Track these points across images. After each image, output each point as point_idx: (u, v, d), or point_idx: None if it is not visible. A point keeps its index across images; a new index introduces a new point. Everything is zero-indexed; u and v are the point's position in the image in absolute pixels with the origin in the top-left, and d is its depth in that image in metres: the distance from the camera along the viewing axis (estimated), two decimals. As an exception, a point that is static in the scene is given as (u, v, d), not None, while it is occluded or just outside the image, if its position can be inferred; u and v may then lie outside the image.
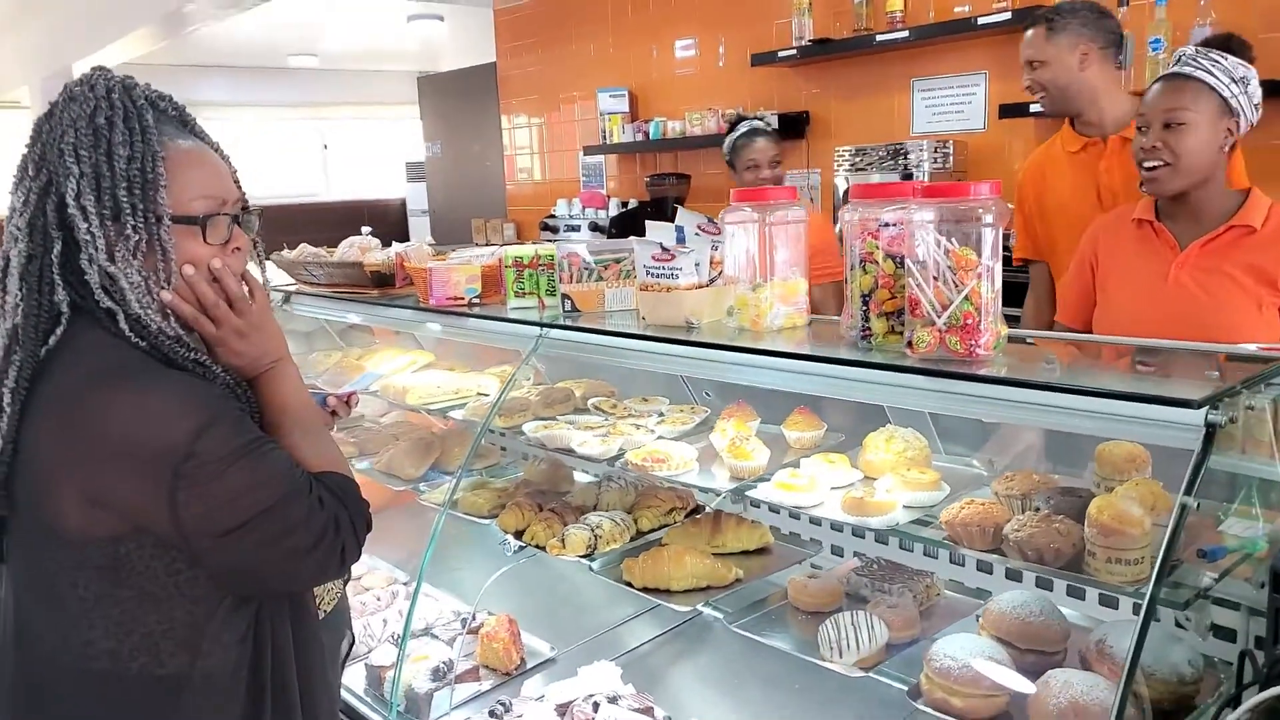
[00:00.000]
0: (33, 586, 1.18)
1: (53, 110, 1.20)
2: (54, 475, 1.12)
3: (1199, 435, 1.20)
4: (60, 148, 1.16)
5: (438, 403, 2.63)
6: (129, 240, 1.16)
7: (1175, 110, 1.95)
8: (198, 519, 1.11)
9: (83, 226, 1.15)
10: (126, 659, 1.15)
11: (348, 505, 1.23)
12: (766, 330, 1.77)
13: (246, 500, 1.12)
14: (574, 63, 6.17)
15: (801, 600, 1.73)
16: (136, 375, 1.14)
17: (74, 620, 1.14)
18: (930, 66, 4.29)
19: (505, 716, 1.92)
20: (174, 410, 1.11)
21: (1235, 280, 1.98)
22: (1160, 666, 1.31)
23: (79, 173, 1.15)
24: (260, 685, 1.21)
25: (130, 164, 1.16)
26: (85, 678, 1.16)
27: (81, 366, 1.14)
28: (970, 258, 1.43)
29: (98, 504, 1.11)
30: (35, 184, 1.18)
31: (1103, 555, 1.32)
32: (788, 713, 1.89)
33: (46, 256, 1.16)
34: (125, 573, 1.13)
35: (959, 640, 1.43)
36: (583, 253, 2.12)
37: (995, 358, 1.46)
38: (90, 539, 1.12)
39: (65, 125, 1.17)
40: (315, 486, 1.20)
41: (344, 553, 1.21)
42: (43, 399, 1.14)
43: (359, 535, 1.24)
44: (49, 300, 1.16)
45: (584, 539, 1.93)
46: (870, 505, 1.61)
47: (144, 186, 1.17)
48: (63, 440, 1.12)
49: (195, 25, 6.74)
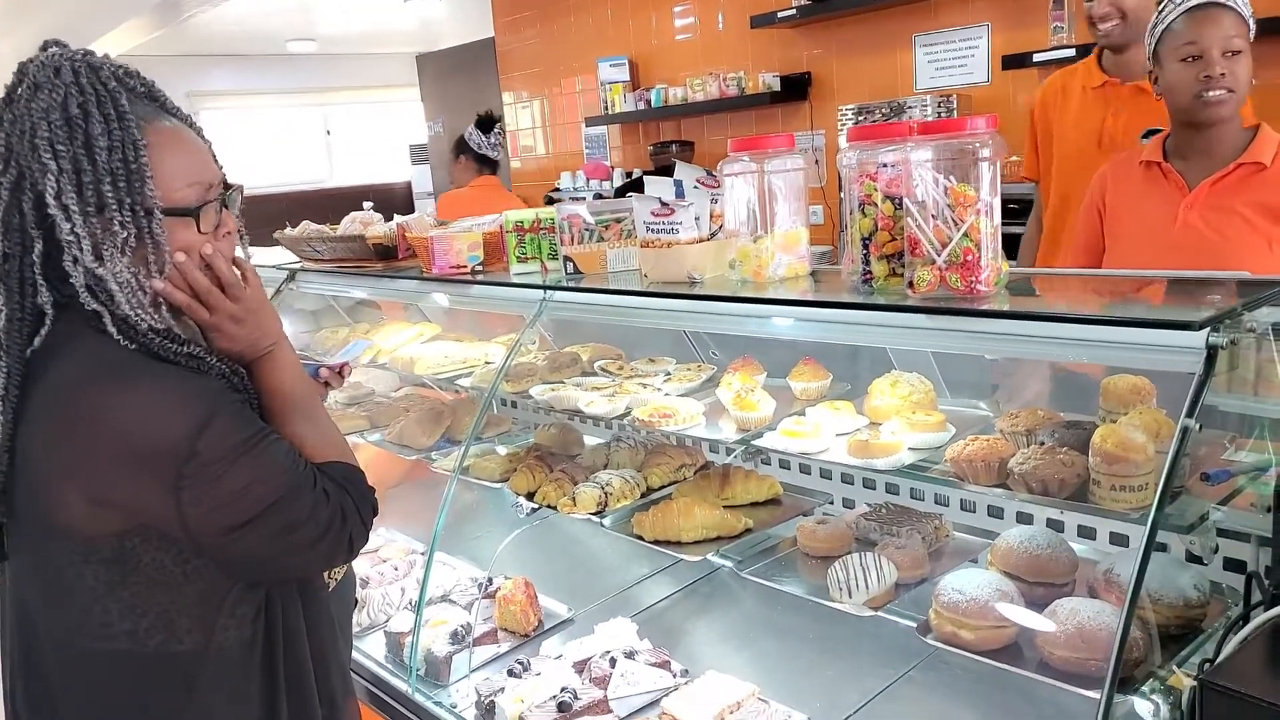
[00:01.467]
0: (39, 579, 1.17)
1: (13, 97, 1.11)
2: (54, 478, 1.10)
3: (1200, 358, 1.19)
4: (33, 142, 1.08)
5: (445, 373, 2.64)
6: (116, 236, 1.10)
7: (1232, 38, 1.93)
8: (202, 517, 1.10)
9: (65, 227, 1.08)
10: (144, 637, 1.15)
11: (352, 494, 1.22)
12: (769, 281, 1.77)
13: (251, 497, 1.11)
14: (573, 34, 6.14)
15: (811, 545, 1.74)
16: (131, 373, 1.10)
17: (86, 606, 1.14)
18: (931, 20, 4.25)
19: (524, 675, 1.94)
20: (173, 408, 1.09)
21: (1245, 219, 1.96)
22: (1167, 591, 1.32)
23: (57, 169, 1.08)
24: (273, 661, 1.22)
25: (112, 155, 1.09)
26: (102, 659, 1.16)
27: (75, 366, 1.11)
28: (969, 194, 1.42)
29: (101, 503, 1.10)
30: (4, 179, 1.10)
31: (1107, 483, 1.33)
32: (801, 661, 1.91)
33: (26, 257, 1.11)
34: (133, 564, 1.13)
35: (967, 575, 1.44)
36: (583, 213, 2.11)
37: (997, 294, 1.45)
38: (95, 536, 1.11)
39: (35, 117, 1.08)
40: (319, 479, 1.19)
41: (351, 541, 1.21)
42: (37, 401, 1.10)
43: (365, 522, 1.24)
44: (31, 302, 1.11)
45: (594, 496, 1.95)
46: (876, 447, 1.61)
47: (129, 179, 1.10)
48: (62, 443, 1.09)
49: (189, 12, 6.73)
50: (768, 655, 1.96)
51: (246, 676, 1.20)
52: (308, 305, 3.26)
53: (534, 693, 1.82)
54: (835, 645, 1.89)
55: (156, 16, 6.80)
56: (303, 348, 3.08)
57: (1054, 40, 3.70)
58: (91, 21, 7.07)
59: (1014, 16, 3.97)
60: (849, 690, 1.75)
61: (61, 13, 7.30)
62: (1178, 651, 1.29)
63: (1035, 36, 3.82)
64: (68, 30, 7.56)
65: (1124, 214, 2.16)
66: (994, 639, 1.37)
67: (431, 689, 2.00)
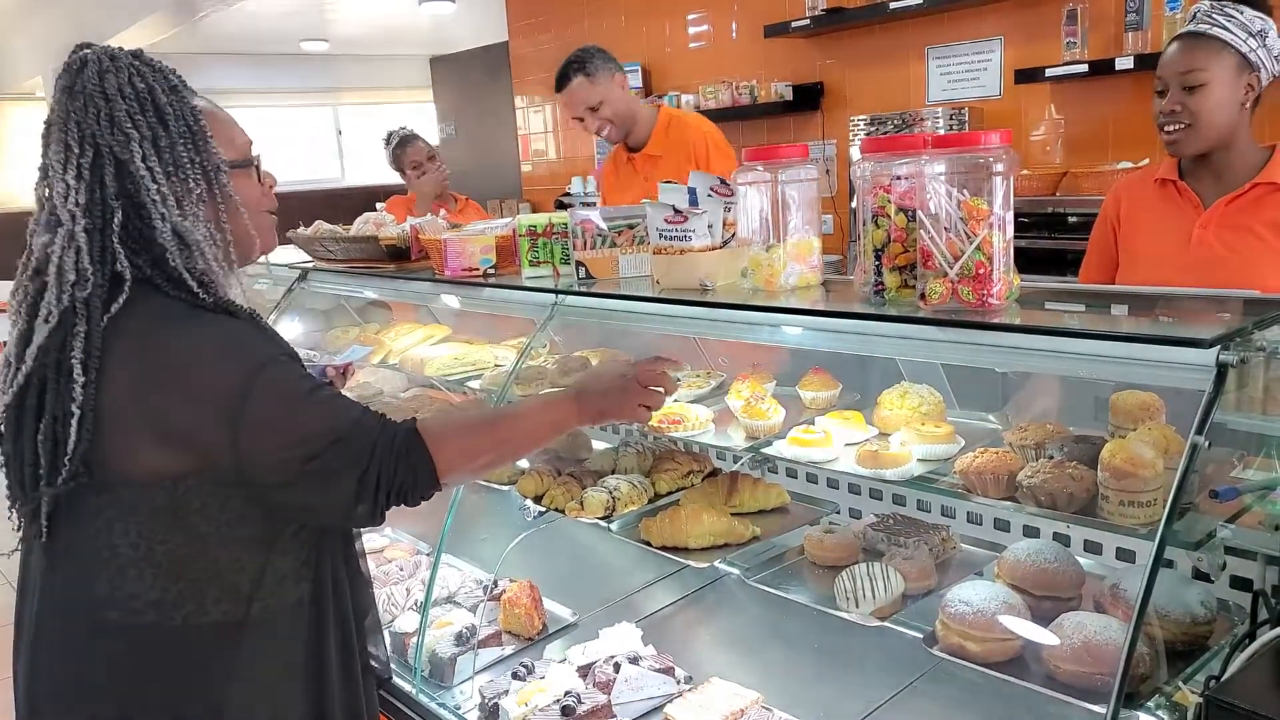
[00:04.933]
0: (75, 550, 1.21)
1: (77, 88, 1.22)
2: (128, 423, 1.17)
3: (1210, 375, 1.20)
4: (113, 117, 1.20)
5: (456, 374, 2.65)
6: (192, 193, 1.24)
7: (1192, 71, 1.92)
8: (259, 452, 1.16)
9: (152, 188, 1.20)
10: (171, 609, 1.18)
11: (399, 462, 1.25)
12: (781, 290, 1.78)
13: (308, 434, 1.18)
14: (586, 40, 6.12)
15: (818, 555, 1.75)
16: (199, 320, 1.21)
17: (118, 572, 1.17)
18: (944, 33, 4.26)
19: (529, 678, 1.95)
20: (238, 347, 1.20)
21: (1260, 238, 1.96)
22: (1174, 607, 1.32)
23: (139, 136, 1.20)
24: (323, 620, 1.27)
25: (179, 121, 1.24)
26: (125, 634, 1.19)
27: (150, 321, 1.20)
28: (981, 208, 1.43)
29: (167, 440, 1.16)
30: (83, 160, 1.20)
31: (1116, 498, 1.33)
32: (806, 671, 1.91)
33: (107, 228, 1.20)
34: (180, 512, 1.18)
35: (974, 587, 1.44)
36: (596, 219, 2.13)
37: (1008, 307, 1.46)
38: (152, 481, 1.17)
39: (110, 96, 1.21)
40: (381, 430, 1.24)
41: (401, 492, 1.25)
42: (115, 361, 1.18)
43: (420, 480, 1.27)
44: (112, 271, 1.20)
45: (602, 501, 1.96)
46: (885, 457, 1.62)
47: (194, 141, 1.25)
48: (136, 386, 1.17)
49: (205, 11, 6.78)
50: (772, 663, 1.96)
51: (294, 636, 1.26)
52: (319, 305, 3.28)
53: (538, 696, 1.83)
54: (839, 655, 1.89)
55: (172, 15, 6.84)
56: (313, 346, 3.09)
57: (1067, 55, 3.71)
58: (107, 18, 7.12)
59: (1027, 30, 3.98)
60: (853, 700, 1.76)
61: (77, 10, 7.36)
62: (1184, 668, 1.29)
63: (1048, 51, 3.82)
64: (84, 27, 7.63)
65: (1139, 231, 2.16)
66: (1000, 651, 1.38)
67: (435, 690, 2.01)
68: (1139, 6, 3.50)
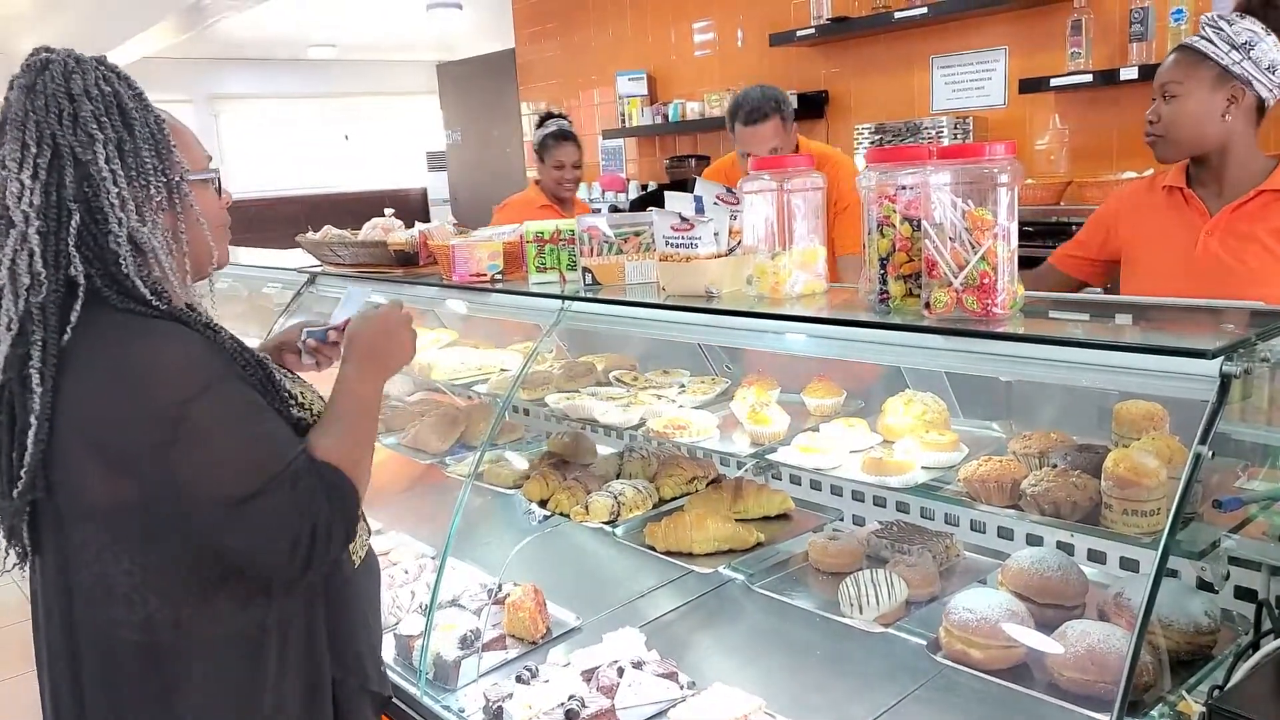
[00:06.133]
0: (74, 574, 1.20)
1: (38, 86, 1.18)
2: (77, 439, 1.14)
3: (1214, 386, 1.21)
4: (75, 117, 1.17)
5: (462, 378, 2.67)
6: (152, 199, 1.21)
7: (1168, 83, 2.01)
8: (193, 482, 1.13)
9: (113, 191, 1.17)
10: (187, 624, 1.19)
11: (333, 501, 1.21)
12: (786, 297, 1.79)
13: (239, 466, 1.14)
14: (592, 47, 6.19)
15: (822, 561, 1.76)
16: (148, 332, 1.17)
17: (124, 596, 1.17)
18: (949, 43, 4.28)
19: (532, 682, 1.96)
20: (180, 367, 1.15)
21: (1266, 247, 1.96)
22: (1178, 616, 1.32)
23: (104, 138, 1.18)
24: (297, 643, 1.26)
25: (144, 127, 1.22)
26: (142, 650, 1.19)
27: (97, 331, 1.16)
28: (986, 218, 1.44)
29: (114, 466, 1.14)
30: (40, 159, 1.16)
31: (1119, 507, 1.34)
32: (808, 677, 1.91)
33: (62, 231, 1.16)
34: (155, 541, 1.16)
35: (978, 594, 1.45)
36: (602, 226, 2.14)
37: (1012, 316, 1.47)
38: (117, 510, 1.15)
39: (75, 96, 1.18)
40: (309, 472, 1.19)
41: (313, 547, 1.18)
42: (65, 375, 1.15)
43: (333, 535, 1.20)
44: (65, 275, 1.16)
45: (607, 506, 1.97)
46: (889, 465, 1.63)
47: (158, 148, 1.22)
48: (83, 401, 1.14)
49: (216, 17, 6.82)
50: (775, 670, 1.97)
51: (254, 663, 1.23)
52: (326, 309, 3.29)
53: (542, 700, 1.83)
54: (842, 662, 1.90)
55: (182, 20, 6.88)
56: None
57: (1071, 65, 3.72)
58: (118, 23, 7.16)
59: (1032, 41, 3.99)
60: (855, 707, 1.76)
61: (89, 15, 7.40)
62: (1187, 678, 1.30)
63: (1053, 61, 3.84)
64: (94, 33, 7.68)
65: (1143, 238, 2.17)
66: (1003, 659, 1.38)
67: (440, 693, 2.02)
68: (1144, 17, 3.51)
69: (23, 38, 8.18)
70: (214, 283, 1.41)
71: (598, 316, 2.15)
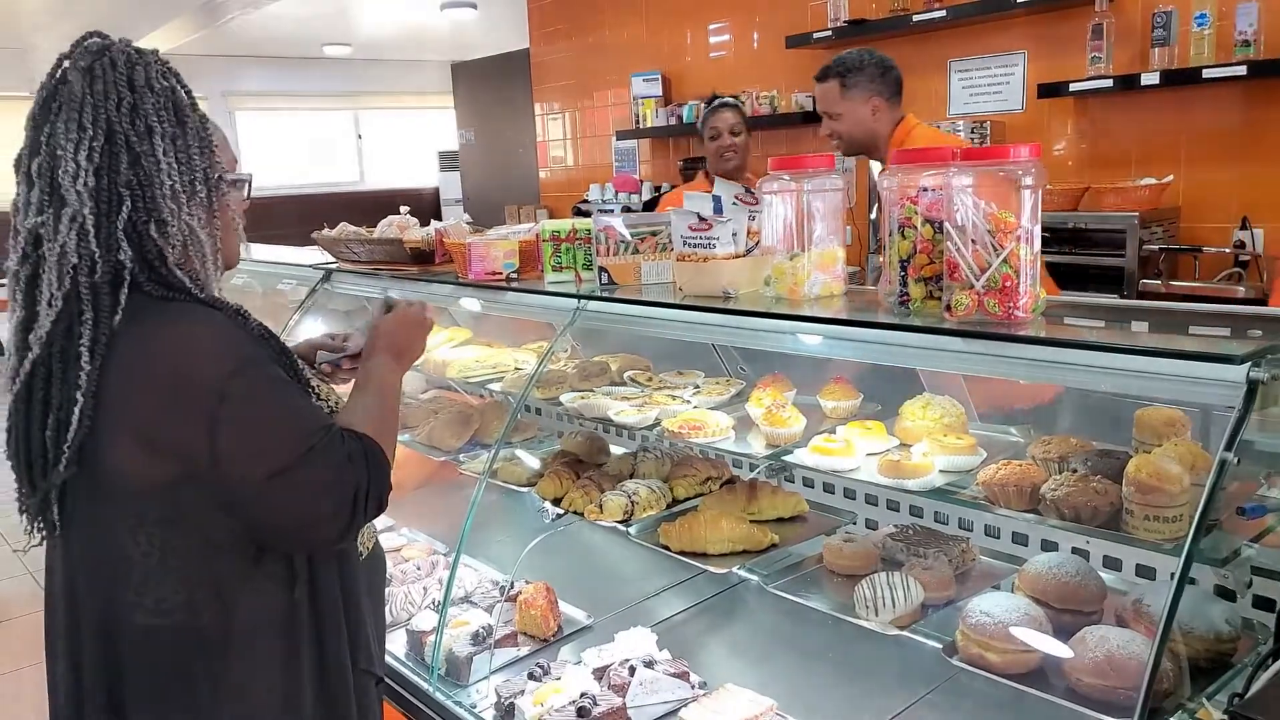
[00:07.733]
0: (96, 554, 1.21)
1: (98, 71, 1.20)
2: (111, 419, 1.15)
3: (1240, 392, 1.20)
4: (136, 107, 1.20)
5: (476, 376, 2.67)
6: (197, 195, 1.25)
7: None
8: (235, 458, 1.15)
9: (166, 183, 1.21)
10: (200, 609, 1.19)
11: (369, 465, 1.24)
12: (804, 299, 1.79)
13: (281, 440, 1.17)
14: (607, 48, 6.19)
15: (837, 563, 1.75)
16: (182, 315, 1.20)
17: (142, 579, 1.18)
18: (967, 46, 4.26)
19: (544, 679, 1.96)
20: (216, 348, 1.18)
21: None
22: (1198, 623, 1.32)
23: (163, 130, 1.21)
24: (319, 629, 1.27)
25: (194, 125, 1.26)
26: (156, 634, 1.19)
27: (136, 316, 1.18)
28: (1009, 220, 1.44)
29: (149, 447, 1.15)
30: (95, 143, 1.18)
31: (1140, 513, 1.33)
32: (820, 679, 1.91)
33: (114, 216, 1.18)
34: (189, 523, 1.17)
35: (995, 598, 1.44)
36: (619, 226, 2.14)
37: (1034, 320, 1.46)
38: (147, 488, 1.16)
39: (138, 87, 1.21)
40: (346, 440, 1.23)
41: (354, 509, 1.21)
42: (110, 356, 1.16)
43: (374, 496, 1.24)
44: (115, 259, 1.18)
45: (621, 505, 1.97)
46: (907, 468, 1.62)
47: (204, 146, 1.27)
48: (120, 383, 1.15)
49: (231, 14, 6.85)
50: (787, 671, 1.96)
51: (287, 645, 1.25)
52: (341, 305, 3.30)
53: (554, 697, 1.83)
54: (854, 664, 1.89)
55: (198, 18, 6.93)
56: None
57: (1091, 70, 3.70)
58: (134, 21, 7.20)
59: (1051, 44, 3.97)
60: (869, 709, 1.75)
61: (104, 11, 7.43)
62: (1207, 685, 1.29)
63: (1072, 66, 3.82)
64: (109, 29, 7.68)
65: None
66: (1020, 663, 1.38)
67: (452, 689, 2.02)
68: (1166, 21, 3.48)
69: (37, 34, 8.23)
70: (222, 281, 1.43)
71: (614, 316, 2.15)
